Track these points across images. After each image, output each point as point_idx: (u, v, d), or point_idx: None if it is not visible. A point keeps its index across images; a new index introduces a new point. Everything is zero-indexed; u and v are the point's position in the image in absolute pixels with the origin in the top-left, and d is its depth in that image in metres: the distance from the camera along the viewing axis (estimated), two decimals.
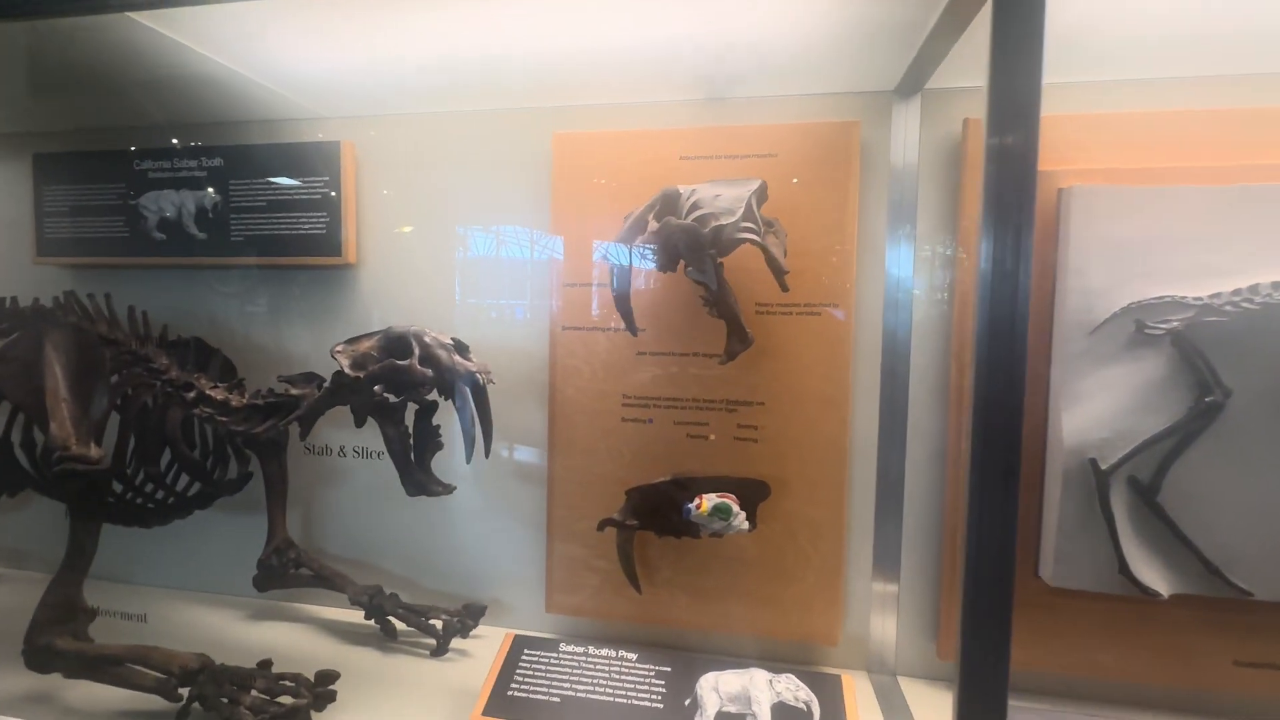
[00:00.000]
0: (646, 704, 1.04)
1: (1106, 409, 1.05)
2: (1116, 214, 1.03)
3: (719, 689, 1.03)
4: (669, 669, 1.09)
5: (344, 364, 1.07)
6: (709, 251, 1.04)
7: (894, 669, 1.24)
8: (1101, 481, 1.04)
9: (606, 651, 1.13)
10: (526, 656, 1.12)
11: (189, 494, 1.32)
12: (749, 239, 1.03)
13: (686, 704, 1.03)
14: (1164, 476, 1.04)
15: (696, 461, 1.25)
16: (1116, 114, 1.10)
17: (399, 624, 1.35)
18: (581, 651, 1.13)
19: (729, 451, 1.24)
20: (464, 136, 1.37)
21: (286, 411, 1.14)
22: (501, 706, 1.05)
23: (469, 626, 1.32)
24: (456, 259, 1.40)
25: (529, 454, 1.37)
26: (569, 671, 1.10)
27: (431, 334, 1.07)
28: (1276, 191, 1.00)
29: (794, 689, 1.02)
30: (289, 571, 1.40)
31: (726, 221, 1.03)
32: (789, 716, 1.00)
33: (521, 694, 1.07)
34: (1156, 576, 1.05)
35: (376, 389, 1.05)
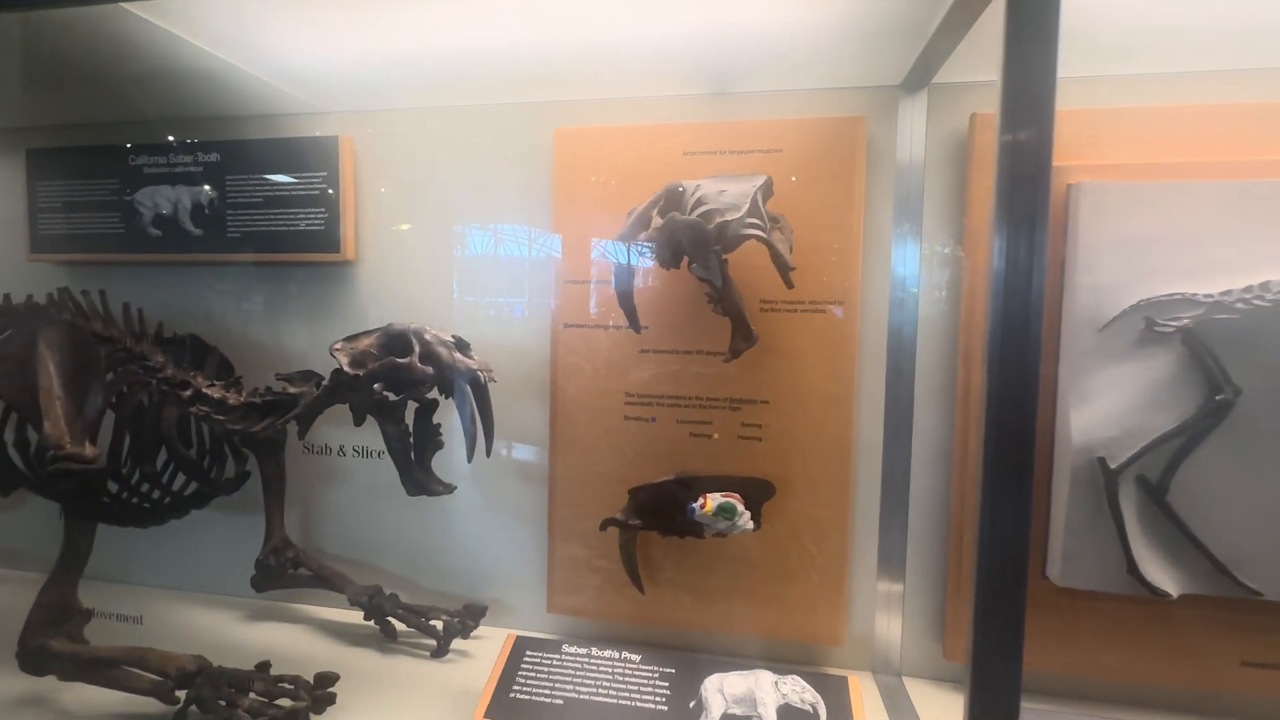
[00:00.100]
0: (651, 706, 1.03)
1: (1115, 407, 1.03)
2: (1126, 210, 1.02)
3: (724, 691, 1.02)
4: (673, 670, 1.08)
5: (343, 362, 1.06)
6: (714, 248, 1.02)
7: (899, 670, 1.23)
8: (1110, 480, 1.03)
9: (610, 653, 1.12)
10: (529, 658, 1.11)
11: (185, 493, 1.31)
12: (755, 235, 1.01)
13: (691, 706, 1.02)
14: (1173, 476, 1.03)
15: (700, 460, 1.24)
16: (1126, 108, 1.08)
17: (399, 625, 1.34)
18: (584, 653, 1.12)
19: (733, 450, 1.23)
20: (464, 131, 1.35)
21: (284, 410, 1.13)
22: (503, 708, 1.04)
23: (470, 627, 1.31)
24: (456, 256, 1.38)
25: (530, 453, 1.36)
26: (572, 673, 1.08)
27: (432, 331, 1.06)
28: None
29: (800, 691, 1.01)
30: (287, 572, 1.39)
31: (732, 217, 1.01)
32: (795, 718, 0.99)
33: (524, 696, 1.05)
34: (1165, 576, 1.04)
35: (376, 387, 1.04)
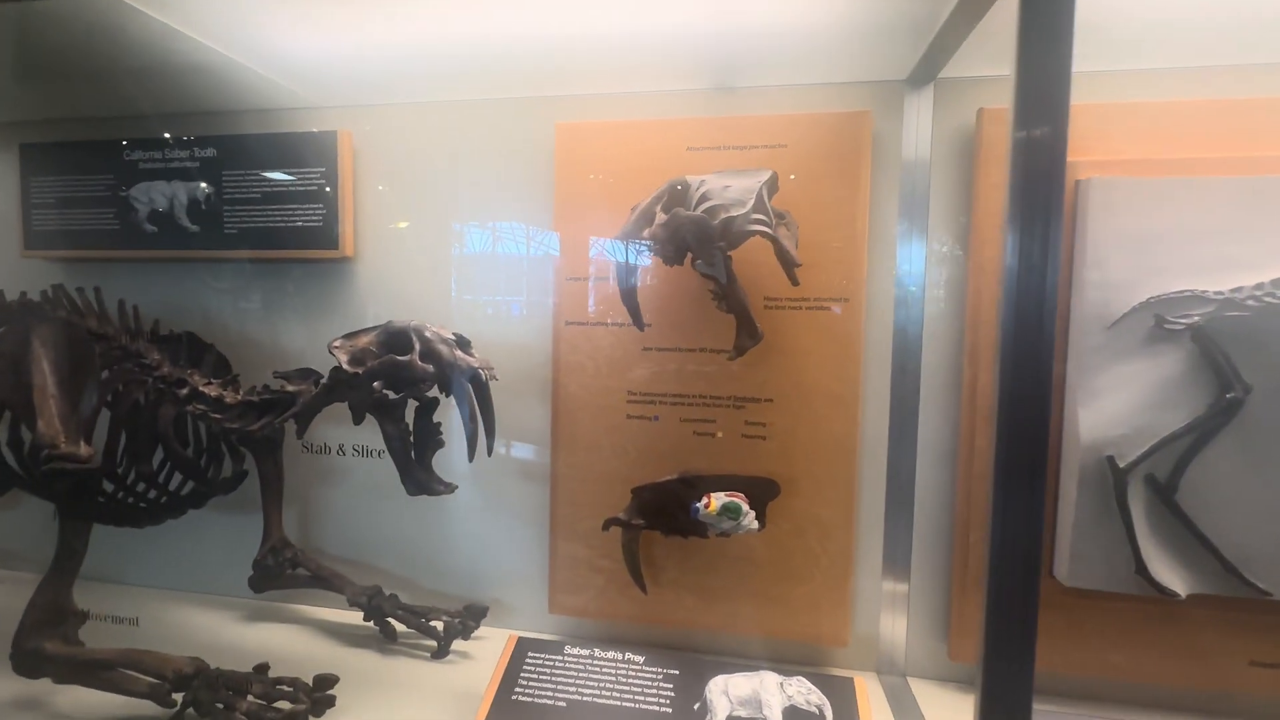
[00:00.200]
0: (655, 708, 1.01)
1: (1124, 405, 1.02)
2: (1136, 206, 1.01)
3: (729, 692, 1.01)
4: (677, 672, 1.07)
5: (342, 359, 1.04)
6: (718, 244, 1.01)
7: (904, 670, 1.22)
8: (1119, 479, 1.02)
9: (613, 654, 1.10)
10: (530, 659, 1.10)
11: (182, 493, 1.29)
12: (760, 231, 1.00)
13: (696, 708, 1.01)
14: (1182, 475, 1.02)
15: (703, 459, 1.22)
16: (1136, 103, 1.07)
17: (399, 625, 1.32)
18: (587, 654, 1.10)
19: (736, 449, 1.21)
20: (465, 126, 1.33)
21: (282, 408, 1.11)
22: (505, 711, 1.02)
23: (470, 628, 1.30)
24: (456, 252, 1.36)
25: (531, 452, 1.34)
26: (574, 675, 1.07)
27: (432, 328, 1.04)
28: None
29: (805, 692, 1.00)
30: (285, 572, 1.37)
31: (737, 213, 1.00)
32: None
33: (526, 698, 1.04)
34: (1174, 576, 1.04)
35: (376, 385, 1.02)
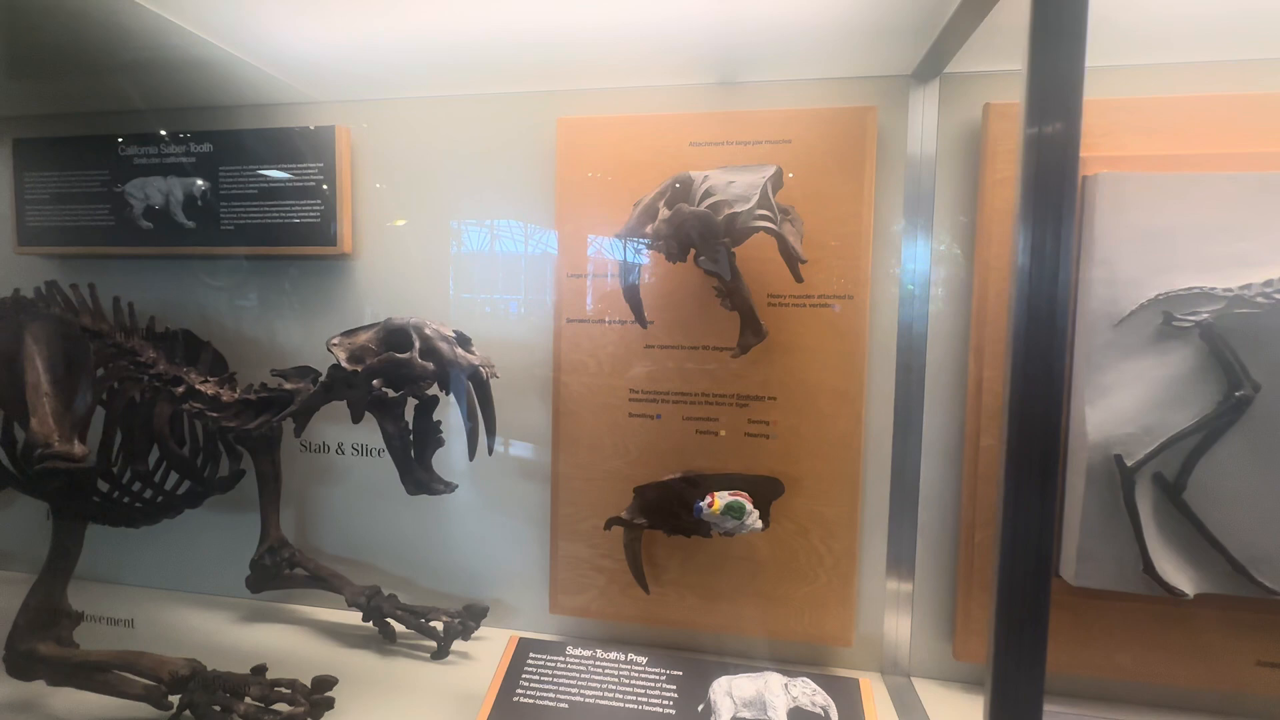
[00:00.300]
0: (658, 710, 1.00)
1: (1132, 403, 1.01)
2: (1144, 202, 1.00)
3: (733, 694, 1.00)
4: (680, 673, 1.06)
5: (340, 357, 1.03)
6: (723, 240, 1.00)
7: (908, 670, 1.21)
8: (1126, 478, 1.01)
9: (615, 655, 1.09)
10: (532, 660, 1.09)
11: (178, 492, 1.28)
12: (765, 227, 0.99)
13: (700, 709, 1.00)
14: (1190, 473, 1.01)
15: (706, 458, 1.21)
16: (1144, 98, 1.06)
17: (398, 626, 1.31)
18: (589, 655, 1.09)
19: (739, 448, 1.20)
20: (465, 121, 1.32)
21: (280, 407, 1.10)
22: (507, 712, 1.01)
23: (470, 628, 1.28)
24: (456, 249, 1.35)
25: (532, 450, 1.33)
26: (576, 676, 1.06)
27: (432, 326, 1.03)
28: None
29: (810, 693, 0.99)
30: (283, 572, 1.36)
31: (741, 209, 0.99)
32: None
33: (528, 699, 1.03)
34: (1181, 576, 1.03)
35: (375, 383, 1.01)
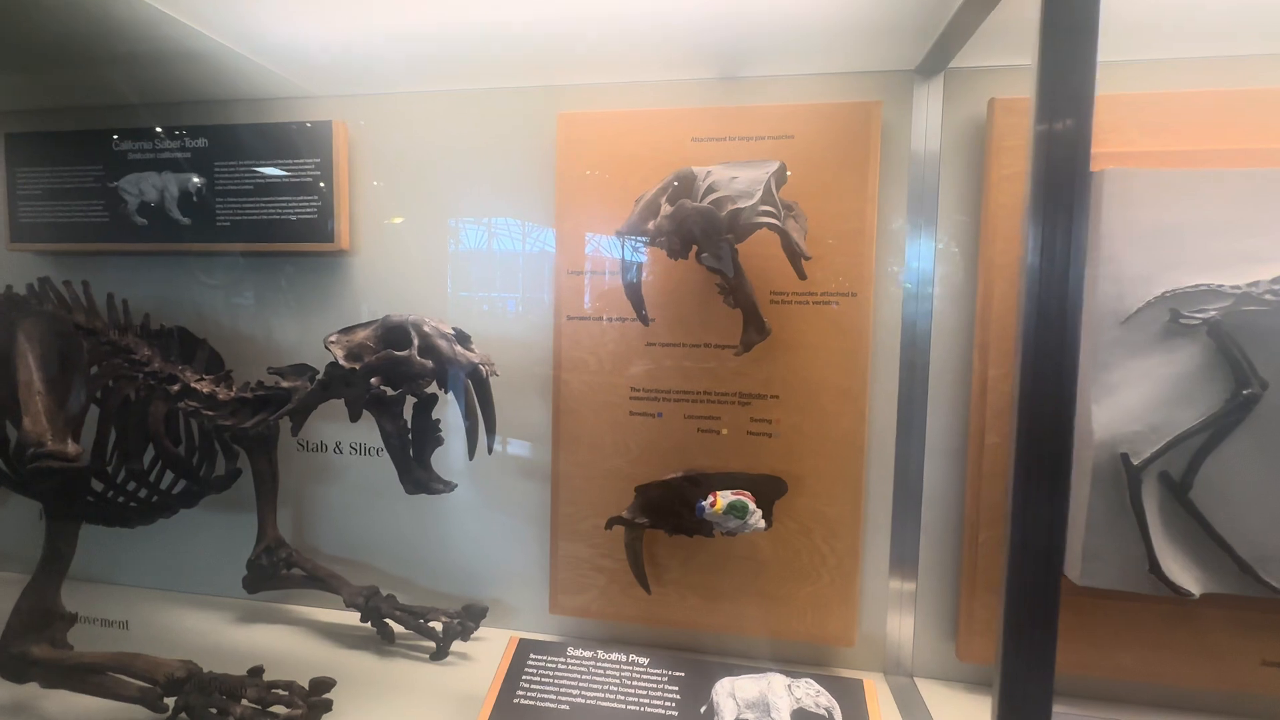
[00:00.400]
0: (660, 711, 0.99)
1: (1138, 402, 1.00)
2: (1151, 198, 0.99)
3: (736, 695, 0.99)
4: (682, 674, 1.04)
5: (338, 355, 1.01)
6: (726, 236, 0.99)
7: (911, 670, 1.20)
8: (1133, 477, 1.00)
9: (616, 656, 1.08)
10: (532, 661, 1.07)
11: (174, 492, 1.26)
12: (768, 223, 0.98)
13: (702, 711, 0.99)
14: (1196, 472, 1.00)
15: (707, 457, 1.20)
16: (1152, 94, 1.05)
17: (396, 626, 1.30)
18: (590, 656, 1.08)
19: (742, 446, 1.19)
20: (463, 116, 1.30)
21: (277, 405, 1.08)
22: (507, 714, 1.00)
23: (470, 629, 1.27)
24: (455, 246, 1.33)
25: (532, 449, 1.32)
26: (578, 677, 1.05)
27: (431, 323, 1.02)
28: None
29: (814, 694, 0.98)
30: (280, 572, 1.35)
31: (744, 205, 0.98)
32: None
33: (528, 701, 1.02)
34: (1187, 575, 1.02)
35: (373, 381, 1.00)
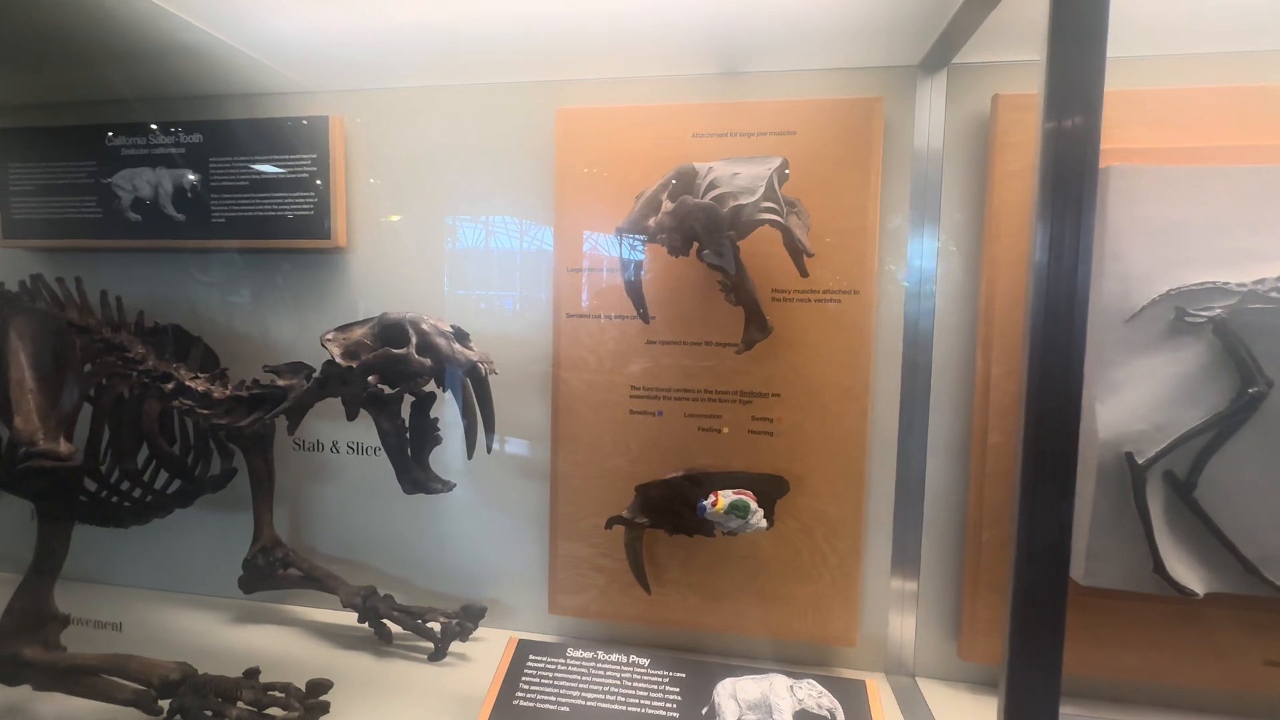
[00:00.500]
0: (661, 713, 0.98)
1: (1143, 400, 1.00)
2: (1157, 195, 0.98)
3: (737, 696, 0.98)
4: (683, 675, 1.04)
5: (335, 353, 1.00)
6: (728, 233, 0.98)
7: (913, 670, 1.20)
8: (1137, 477, 0.99)
9: (616, 656, 1.07)
10: (532, 662, 1.06)
11: (169, 491, 1.25)
12: (771, 220, 0.97)
13: (704, 712, 0.98)
14: (1201, 472, 0.99)
15: (708, 456, 1.19)
16: (1158, 90, 1.04)
17: (394, 627, 1.29)
18: (590, 657, 1.07)
19: (743, 445, 1.18)
20: (462, 112, 1.29)
21: (273, 404, 1.07)
22: (507, 716, 0.99)
23: (468, 629, 1.26)
24: (452, 243, 1.32)
25: (531, 448, 1.30)
26: (578, 678, 1.04)
27: (429, 320, 1.00)
28: None
29: (816, 695, 0.97)
30: (276, 572, 1.33)
31: (746, 201, 0.97)
32: None
33: (528, 702, 1.01)
34: (1192, 575, 1.01)
35: (370, 379, 0.98)
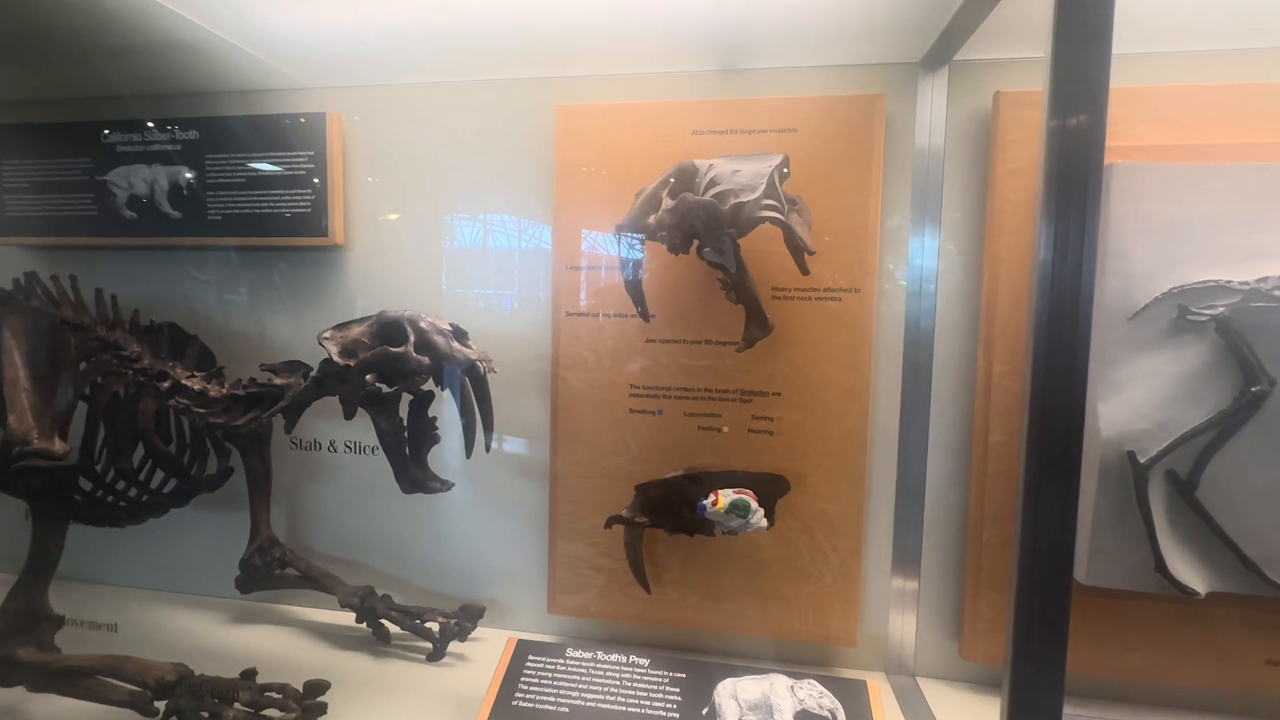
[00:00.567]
0: (661, 713, 0.98)
1: (1146, 399, 0.99)
2: (1160, 193, 0.97)
3: (738, 697, 0.97)
4: (683, 675, 1.03)
5: (332, 351, 0.99)
6: (728, 231, 0.97)
7: (913, 670, 1.19)
8: (1139, 476, 0.99)
9: (616, 657, 1.06)
10: (531, 662, 1.06)
11: (165, 491, 1.24)
12: (772, 217, 0.96)
13: (704, 713, 0.97)
14: (1203, 471, 0.99)
15: (708, 455, 1.19)
16: (1161, 87, 1.04)
17: (392, 627, 1.28)
18: (590, 657, 1.06)
19: (743, 444, 1.18)
20: (460, 108, 1.28)
21: (270, 402, 1.06)
22: (506, 716, 0.98)
23: (467, 629, 1.25)
24: (450, 240, 1.31)
25: (530, 447, 1.30)
26: (577, 679, 1.03)
27: (427, 319, 0.99)
28: None
29: (817, 696, 0.96)
30: (274, 572, 1.33)
31: (747, 198, 0.96)
32: None
33: (527, 703, 1.00)
34: (1193, 575, 1.01)
35: (368, 378, 0.98)
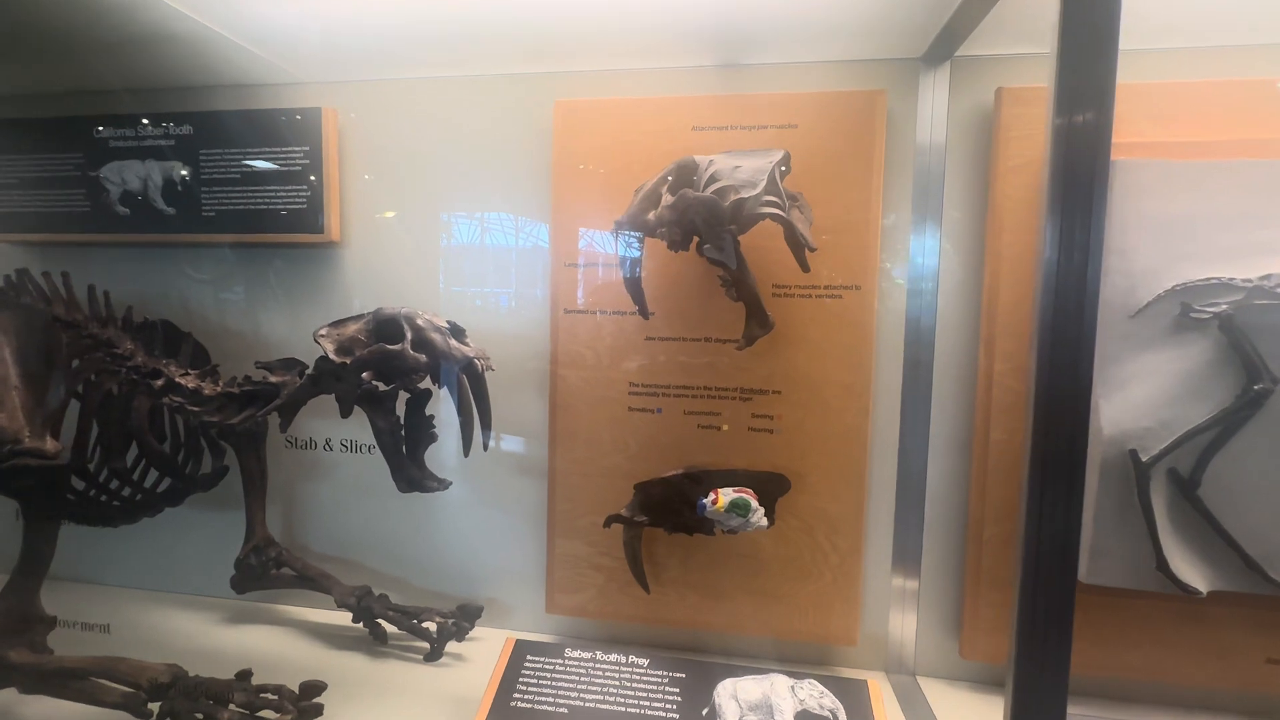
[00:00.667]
0: (661, 714, 0.97)
1: (1148, 397, 0.99)
2: (1162, 190, 0.97)
3: (738, 697, 0.97)
4: (683, 675, 1.02)
5: (328, 349, 0.98)
6: (729, 227, 0.96)
7: (914, 669, 1.19)
8: (1141, 474, 0.99)
9: (615, 657, 1.05)
10: (529, 663, 1.05)
11: (159, 490, 1.23)
12: (773, 214, 0.95)
13: (704, 713, 0.96)
14: (1205, 469, 0.98)
15: (708, 453, 1.18)
16: (1163, 84, 1.03)
17: (389, 627, 1.27)
18: (589, 657, 1.05)
19: (743, 443, 1.17)
20: (458, 104, 1.27)
21: (265, 401, 1.05)
22: (504, 717, 0.97)
23: (465, 629, 1.24)
24: (448, 237, 1.30)
25: (528, 445, 1.29)
26: (576, 679, 1.02)
27: (424, 316, 0.98)
28: None
29: (818, 695, 0.96)
30: (269, 572, 1.32)
31: (748, 195, 0.95)
32: None
33: (525, 703, 0.99)
34: (1195, 573, 1.00)
35: (365, 376, 0.96)
